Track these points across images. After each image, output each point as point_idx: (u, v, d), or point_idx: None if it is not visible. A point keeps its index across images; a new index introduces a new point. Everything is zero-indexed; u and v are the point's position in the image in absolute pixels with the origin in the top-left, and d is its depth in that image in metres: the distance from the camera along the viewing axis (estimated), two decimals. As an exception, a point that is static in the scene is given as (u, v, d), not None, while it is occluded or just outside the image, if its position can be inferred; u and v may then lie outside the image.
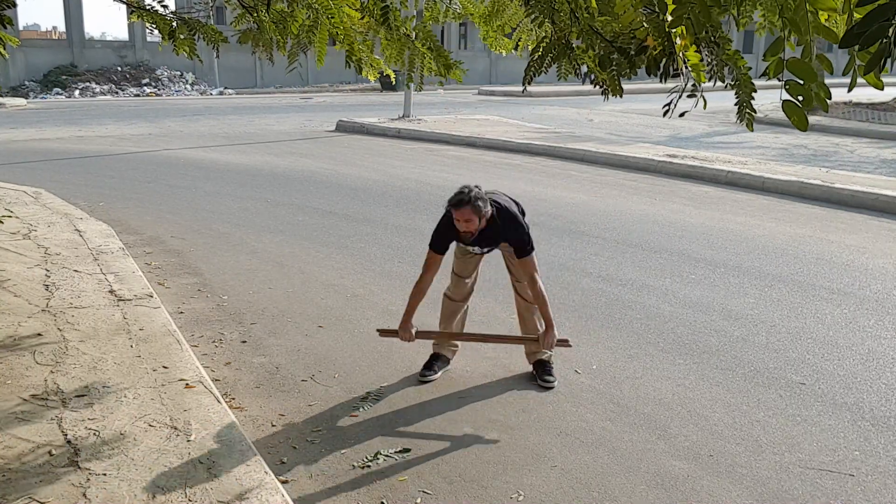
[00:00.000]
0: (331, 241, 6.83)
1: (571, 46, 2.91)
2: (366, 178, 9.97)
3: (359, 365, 4.24)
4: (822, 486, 3.12)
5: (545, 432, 3.53)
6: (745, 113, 2.49)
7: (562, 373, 4.13)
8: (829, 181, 9.34)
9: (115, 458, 2.93)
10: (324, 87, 30.37)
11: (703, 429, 3.57)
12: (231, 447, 3.04)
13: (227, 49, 4.78)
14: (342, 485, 3.09)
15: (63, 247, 6.02)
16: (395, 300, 5.30)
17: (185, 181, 9.68)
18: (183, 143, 13.24)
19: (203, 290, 5.48)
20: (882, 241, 7.05)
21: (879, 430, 3.58)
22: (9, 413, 3.28)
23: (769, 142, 14.43)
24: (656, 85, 3.06)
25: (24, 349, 3.96)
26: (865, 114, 17.48)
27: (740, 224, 7.64)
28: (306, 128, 16.07)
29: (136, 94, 25.89)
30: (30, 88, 25.19)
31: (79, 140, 13.53)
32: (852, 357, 4.40)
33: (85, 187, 9.13)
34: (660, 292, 5.48)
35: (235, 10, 4.17)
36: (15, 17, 23.06)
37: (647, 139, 14.56)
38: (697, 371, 4.20)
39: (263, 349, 4.45)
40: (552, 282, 5.69)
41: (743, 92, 2.47)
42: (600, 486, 3.10)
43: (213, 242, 6.74)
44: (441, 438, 3.47)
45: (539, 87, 25.27)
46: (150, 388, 3.55)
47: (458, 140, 13.94)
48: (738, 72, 2.45)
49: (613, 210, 8.25)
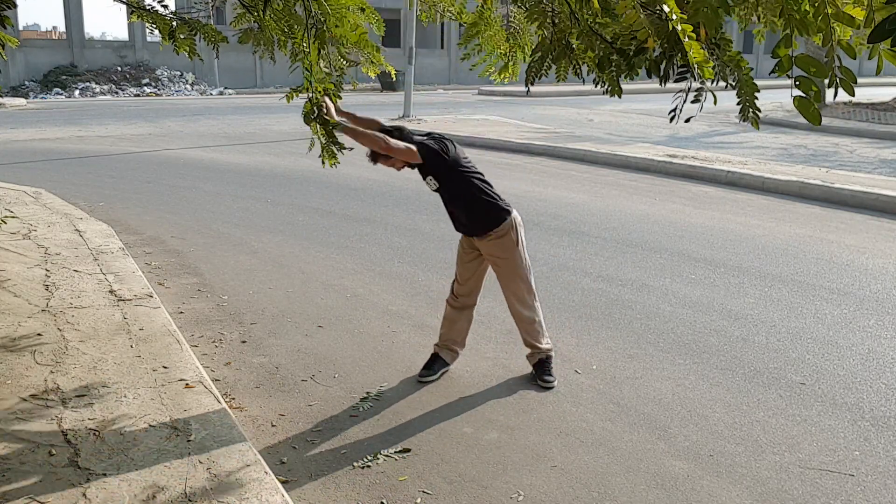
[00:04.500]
0: (331, 241, 6.83)
1: (571, 47, 2.91)
2: (366, 178, 9.97)
3: (359, 365, 4.24)
4: (822, 486, 3.12)
5: (545, 432, 3.53)
6: (748, 113, 2.49)
7: (562, 373, 4.13)
8: (829, 181, 9.34)
9: (115, 458, 2.93)
10: (324, 87, 30.34)
11: (703, 429, 3.57)
12: (231, 447, 3.04)
13: (227, 49, 4.79)
14: (342, 485, 3.09)
15: (63, 247, 6.02)
16: (396, 300, 5.31)
17: (185, 181, 9.68)
18: (183, 143, 13.24)
19: (203, 290, 5.48)
20: (882, 241, 7.05)
21: (879, 430, 3.58)
22: (9, 413, 3.28)
23: (769, 142, 14.43)
24: (656, 85, 3.06)
25: (24, 349, 3.96)
26: (865, 114, 17.48)
27: (740, 224, 7.64)
28: (306, 128, 16.05)
29: (136, 94, 25.89)
30: (30, 88, 25.20)
31: (79, 140, 13.53)
32: (852, 357, 4.40)
33: (85, 187, 9.14)
34: (660, 292, 5.48)
35: (236, 10, 4.17)
36: (15, 18, 23.06)
37: (646, 139, 14.56)
38: (697, 371, 4.20)
39: (263, 349, 4.44)
40: (552, 282, 5.69)
41: (746, 92, 2.47)
42: (600, 486, 3.10)
43: (213, 242, 6.74)
44: (441, 438, 3.47)
45: (539, 87, 25.23)
46: (150, 388, 3.55)
47: (457, 140, 13.92)
48: (739, 73, 2.45)
49: (613, 210, 8.25)
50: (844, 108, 17.79)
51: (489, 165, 11.37)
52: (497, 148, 13.11)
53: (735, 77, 2.46)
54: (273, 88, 29.44)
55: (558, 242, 6.82)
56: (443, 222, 7.53)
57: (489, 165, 11.37)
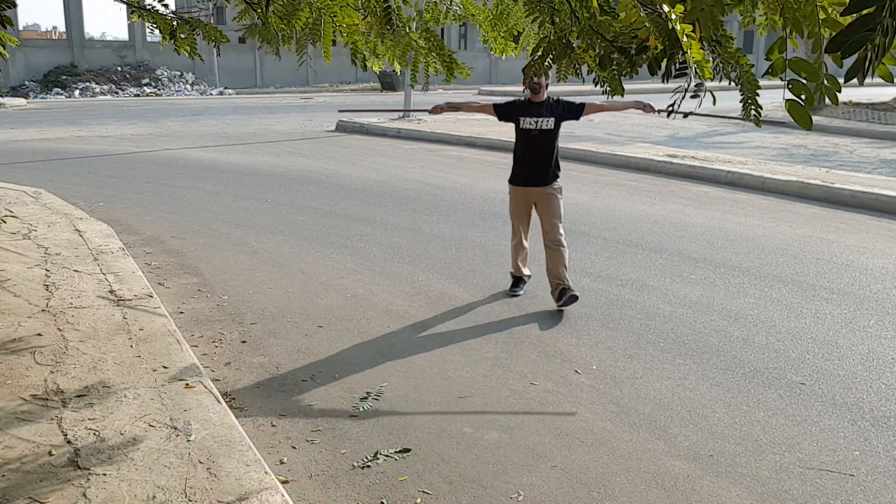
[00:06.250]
0: (331, 241, 6.83)
1: (572, 46, 2.91)
2: (366, 178, 9.97)
3: (359, 365, 4.24)
4: (822, 486, 3.12)
5: (545, 432, 3.52)
6: (750, 110, 2.49)
7: (562, 373, 4.13)
8: (829, 181, 9.34)
9: (115, 458, 2.93)
10: (324, 87, 30.40)
11: (703, 429, 3.57)
12: (231, 447, 3.03)
13: (227, 49, 4.80)
14: (342, 485, 3.08)
15: (63, 247, 6.02)
16: (396, 300, 5.30)
17: (185, 181, 9.68)
18: (183, 143, 13.24)
19: (203, 290, 5.48)
20: (882, 241, 7.05)
21: (879, 430, 3.58)
22: (9, 413, 3.27)
23: (769, 142, 14.43)
24: (657, 85, 3.06)
25: (24, 349, 3.96)
26: (865, 114, 17.48)
27: (740, 224, 7.64)
28: (306, 128, 16.08)
29: (136, 94, 25.90)
30: (30, 88, 25.21)
31: (79, 140, 13.54)
32: (852, 357, 4.40)
33: (85, 187, 9.14)
34: (660, 292, 5.48)
35: (237, 8, 4.17)
36: (15, 17, 23.06)
37: (646, 139, 14.57)
38: (697, 371, 4.20)
39: (263, 349, 4.44)
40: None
41: (747, 90, 2.46)
42: (600, 486, 3.10)
43: (213, 242, 6.74)
44: (441, 438, 3.47)
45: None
46: (150, 388, 3.55)
47: (458, 140, 13.94)
48: (740, 69, 2.45)
49: (613, 210, 8.25)
50: (844, 108, 17.79)
51: (491, 166, 11.37)
52: (498, 148, 13.10)
53: (736, 74, 2.45)
54: (273, 88, 29.45)
55: (558, 242, 6.82)
56: (442, 222, 7.54)
57: (491, 166, 11.37)
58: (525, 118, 5.13)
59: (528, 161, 5.20)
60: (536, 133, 5.13)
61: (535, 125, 5.12)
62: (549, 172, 5.18)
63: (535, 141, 5.15)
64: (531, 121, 5.12)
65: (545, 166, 5.16)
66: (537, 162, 5.17)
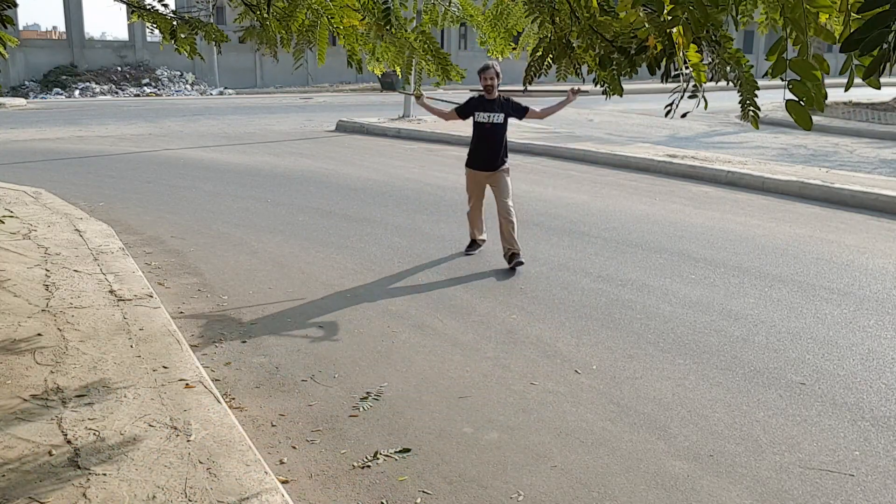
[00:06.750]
0: (331, 241, 6.83)
1: (572, 46, 2.91)
2: (366, 178, 9.97)
3: (359, 365, 4.24)
4: (822, 486, 3.12)
5: (545, 432, 3.52)
6: (749, 111, 2.49)
7: (562, 373, 4.13)
8: (829, 181, 9.34)
9: (115, 457, 2.93)
10: (324, 87, 30.39)
11: (703, 429, 3.57)
12: (231, 447, 3.04)
13: (227, 49, 4.81)
14: (342, 485, 3.08)
15: (63, 247, 6.02)
16: (395, 300, 5.30)
17: (185, 181, 9.68)
18: (183, 143, 13.24)
19: (203, 290, 5.48)
20: (882, 241, 7.05)
21: (879, 430, 3.58)
22: (9, 413, 3.28)
23: (769, 142, 14.43)
24: (656, 85, 3.07)
25: (24, 349, 3.96)
26: (865, 114, 17.48)
27: (740, 224, 7.64)
28: (306, 128, 16.08)
29: (136, 94, 25.90)
30: (30, 88, 25.21)
31: (79, 140, 13.54)
32: (852, 357, 4.40)
33: (85, 187, 9.14)
34: (660, 292, 5.48)
35: (237, 8, 4.17)
36: (15, 17, 23.06)
37: (646, 139, 14.57)
38: (697, 371, 4.20)
39: (263, 349, 4.44)
40: (552, 282, 5.70)
41: (746, 90, 2.46)
42: (600, 486, 3.10)
43: (213, 242, 6.74)
44: (441, 438, 3.47)
45: (539, 86, 25.23)
46: (150, 388, 3.55)
47: (458, 140, 13.93)
48: (740, 70, 2.45)
49: (613, 210, 8.25)
50: (844, 108, 17.79)
51: (489, 165, 11.37)
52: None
53: (735, 74, 2.45)
54: (273, 88, 29.44)
55: (558, 242, 6.82)
56: (442, 222, 7.54)
57: (489, 165, 11.37)
58: (480, 113, 6.13)
59: (482, 149, 6.17)
60: (489, 126, 6.11)
61: (487, 119, 6.11)
62: (499, 158, 6.16)
63: (488, 132, 6.12)
64: (485, 115, 6.12)
65: (496, 153, 6.14)
66: (490, 150, 6.14)
